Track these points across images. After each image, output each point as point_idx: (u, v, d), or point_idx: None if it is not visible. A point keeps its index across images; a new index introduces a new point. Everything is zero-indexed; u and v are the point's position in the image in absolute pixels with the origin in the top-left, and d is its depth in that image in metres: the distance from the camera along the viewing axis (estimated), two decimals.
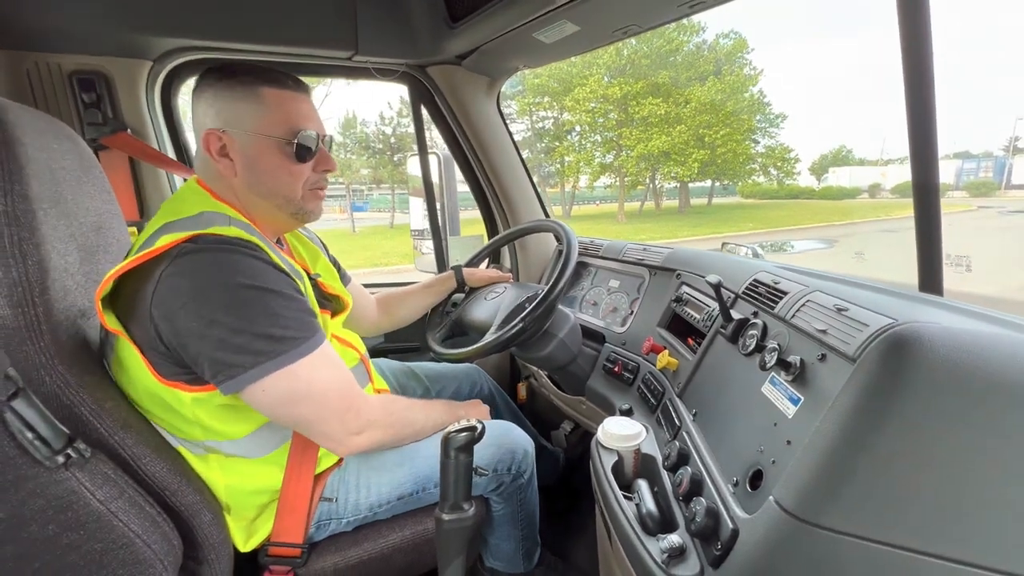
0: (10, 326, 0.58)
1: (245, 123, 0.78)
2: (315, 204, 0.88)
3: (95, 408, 0.65)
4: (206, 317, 0.66)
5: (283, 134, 0.80)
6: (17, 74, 1.14)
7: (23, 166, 0.61)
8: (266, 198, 0.83)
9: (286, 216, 0.86)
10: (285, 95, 0.80)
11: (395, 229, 17.32)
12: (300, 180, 0.83)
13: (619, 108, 18.08)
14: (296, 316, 0.72)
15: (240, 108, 0.78)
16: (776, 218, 17.41)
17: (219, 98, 0.78)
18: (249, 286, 0.68)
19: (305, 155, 0.82)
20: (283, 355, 0.69)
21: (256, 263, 0.71)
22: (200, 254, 0.68)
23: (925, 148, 0.79)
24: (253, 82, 0.79)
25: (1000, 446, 0.47)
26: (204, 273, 0.67)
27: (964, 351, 0.48)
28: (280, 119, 0.80)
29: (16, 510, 0.57)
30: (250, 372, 0.68)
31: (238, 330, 0.67)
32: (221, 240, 0.70)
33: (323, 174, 0.87)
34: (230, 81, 0.78)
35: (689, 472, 0.70)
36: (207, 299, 0.66)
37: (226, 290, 0.67)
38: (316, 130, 0.83)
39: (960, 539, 0.47)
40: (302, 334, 0.72)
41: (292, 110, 0.81)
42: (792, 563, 0.50)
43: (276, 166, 0.81)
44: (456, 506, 0.76)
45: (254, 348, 0.68)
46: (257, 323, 0.68)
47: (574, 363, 1.26)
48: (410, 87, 1.60)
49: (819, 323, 0.65)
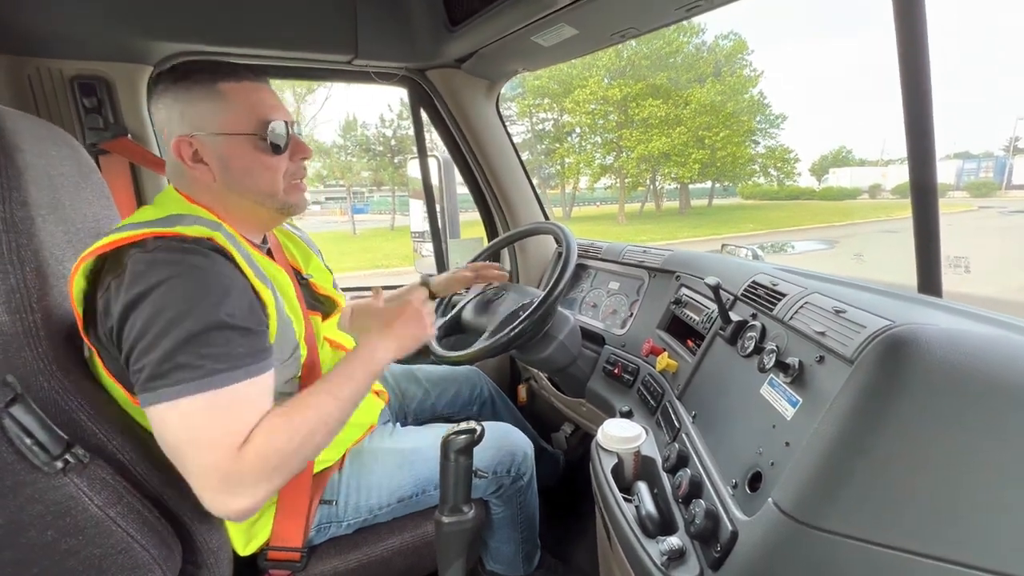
0: (8, 332, 0.59)
1: (211, 124, 0.75)
2: (297, 196, 0.84)
3: (93, 413, 0.65)
4: (129, 328, 0.62)
5: (252, 129, 0.77)
6: (18, 79, 1.15)
7: (21, 172, 0.61)
8: (247, 197, 0.80)
9: (270, 212, 0.83)
10: (245, 87, 0.77)
11: (396, 231, 17.35)
12: (279, 173, 0.80)
13: (619, 109, 18.11)
14: (219, 343, 0.64)
15: (203, 109, 0.75)
16: (776, 219, 17.42)
17: (179, 101, 0.75)
18: (177, 303, 0.63)
19: (279, 146, 0.79)
20: (180, 384, 0.62)
21: (201, 274, 0.65)
22: (145, 263, 0.64)
23: (923, 149, 0.79)
24: (210, 80, 0.75)
25: (998, 447, 0.47)
26: (142, 282, 0.63)
27: (961, 353, 0.48)
28: (245, 114, 0.77)
29: (15, 516, 0.57)
30: (150, 394, 0.62)
31: (149, 347, 0.62)
32: (173, 246, 0.65)
33: (300, 162, 0.84)
34: (186, 82, 0.75)
35: (688, 474, 0.70)
36: (135, 310, 0.62)
37: (153, 304, 0.62)
38: (283, 118, 0.80)
39: (958, 541, 0.47)
40: (213, 365, 0.63)
41: (255, 102, 0.78)
42: (791, 565, 0.50)
43: (252, 163, 0.78)
44: (456, 508, 0.76)
45: (159, 370, 0.62)
46: (170, 344, 0.62)
47: (574, 365, 1.26)
48: (410, 90, 1.60)
49: (817, 325, 0.65)
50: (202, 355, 0.63)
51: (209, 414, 0.63)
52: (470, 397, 1.33)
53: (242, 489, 0.64)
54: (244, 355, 0.66)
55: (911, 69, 0.76)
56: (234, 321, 0.66)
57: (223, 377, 0.64)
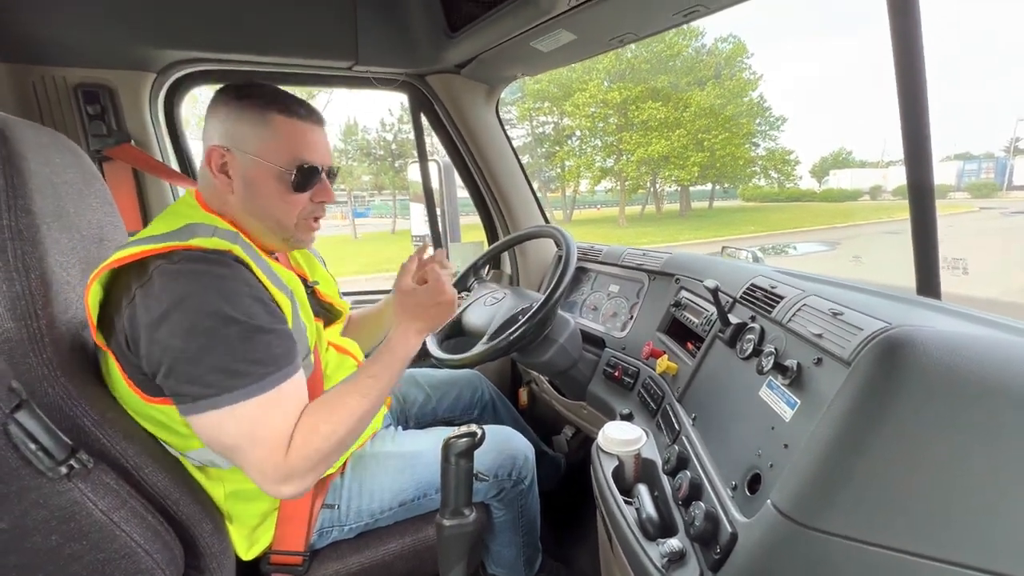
0: (13, 339, 0.59)
1: (248, 145, 0.77)
2: (307, 235, 0.86)
3: (97, 419, 0.65)
4: (162, 341, 0.64)
5: (284, 163, 0.78)
6: (23, 87, 1.16)
7: (26, 181, 0.62)
8: (260, 220, 0.81)
9: (277, 240, 0.85)
10: (294, 124, 0.79)
11: (396, 235, 17.37)
12: (296, 209, 0.82)
13: (619, 112, 18.14)
14: (259, 348, 0.68)
15: (246, 130, 0.77)
16: (777, 221, 17.41)
17: (229, 117, 0.78)
18: (212, 313, 0.65)
19: (303, 186, 0.80)
20: (235, 391, 0.66)
21: (229, 283, 0.68)
22: (171, 276, 0.65)
23: (919, 150, 0.80)
24: (265, 106, 0.78)
25: (994, 449, 0.47)
26: (170, 294, 0.65)
27: (957, 354, 0.48)
28: (284, 147, 0.78)
29: (19, 520, 0.58)
30: (201, 402, 0.65)
31: (193, 359, 0.65)
32: (197, 256, 0.68)
33: (320, 204, 0.85)
34: (243, 102, 0.78)
35: (688, 476, 0.70)
36: (167, 321, 0.64)
37: (188, 315, 0.65)
38: (320, 162, 0.81)
39: (956, 541, 0.47)
40: (263, 369, 0.68)
41: (298, 140, 0.79)
42: (790, 566, 0.51)
43: (272, 192, 0.79)
44: (457, 512, 0.76)
45: (205, 380, 0.65)
46: (210, 351, 0.65)
47: (574, 368, 1.26)
48: (410, 95, 1.61)
49: (815, 327, 0.65)
50: (249, 360, 0.67)
51: (262, 415, 0.68)
52: (471, 401, 1.33)
53: (293, 479, 0.71)
54: (282, 356, 0.71)
55: (906, 70, 0.76)
56: (268, 325, 0.70)
57: (272, 379, 0.69)
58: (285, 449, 0.70)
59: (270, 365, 0.69)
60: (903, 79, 0.77)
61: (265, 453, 0.69)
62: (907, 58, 0.76)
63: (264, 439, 0.69)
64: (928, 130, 0.79)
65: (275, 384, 0.69)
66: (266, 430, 0.69)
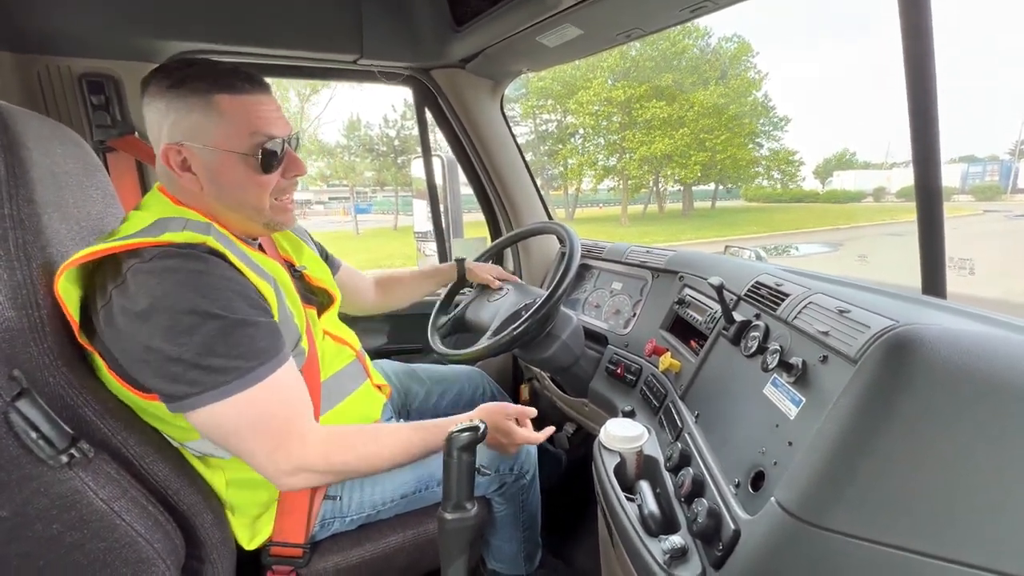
0: (14, 328, 0.59)
1: (204, 136, 0.73)
2: (285, 216, 0.84)
3: (98, 409, 0.65)
4: (143, 342, 0.64)
5: (245, 147, 0.74)
6: (28, 77, 1.16)
7: (27, 170, 0.62)
8: (235, 210, 0.79)
9: (258, 226, 0.83)
10: (242, 101, 0.74)
11: (399, 231, 17.37)
12: (267, 189, 0.79)
13: (622, 111, 18.10)
14: (242, 343, 0.67)
15: (196, 120, 0.73)
16: (780, 221, 17.36)
17: (172, 109, 0.73)
18: (191, 311, 0.64)
19: (271, 164, 0.77)
20: (219, 387, 0.66)
21: (205, 279, 0.67)
22: (146, 274, 0.64)
23: (927, 151, 0.79)
24: (207, 90, 0.72)
25: (1001, 447, 0.47)
26: (147, 296, 0.63)
27: (965, 352, 0.48)
28: (240, 129, 0.74)
29: (20, 509, 0.58)
30: (186, 400, 0.65)
31: (175, 358, 0.64)
32: (171, 252, 0.66)
33: (291, 179, 0.82)
34: (181, 90, 0.72)
35: (691, 473, 0.70)
36: (147, 323, 0.63)
37: (167, 315, 0.64)
38: (281, 133, 0.77)
39: (961, 540, 0.47)
40: (245, 363, 0.67)
41: (252, 116, 0.75)
42: (793, 564, 0.50)
43: (242, 178, 0.76)
44: (459, 505, 0.75)
45: (188, 378, 0.65)
46: (194, 351, 0.64)
47: (577, 365, 1.26)
48: (414, 90, 1.61)
49: (821, 325, 0.65)
50: (233, 356, 0.66)
51: (257, 407, 0.69)
52: (472, 397, 1.33)
53: (305, 474, 0.73)
54: (267, 348, 0.70)
55: (917, 73, 0.76)
56: (250, 318, 0.69)
57: (259, 372, 0.68)
58: (296, 439, 0.72)
59: (253, 359, 0.68)
60: (913, 82, 0.77)
61: (274, 443, 0.70)
62: (917, 61, 0.76)
63: (267, 430, 0.70)
64: (937, 131, 0.78)
65: (263, 376, 0.68)
66: (266, 421, 0.70)
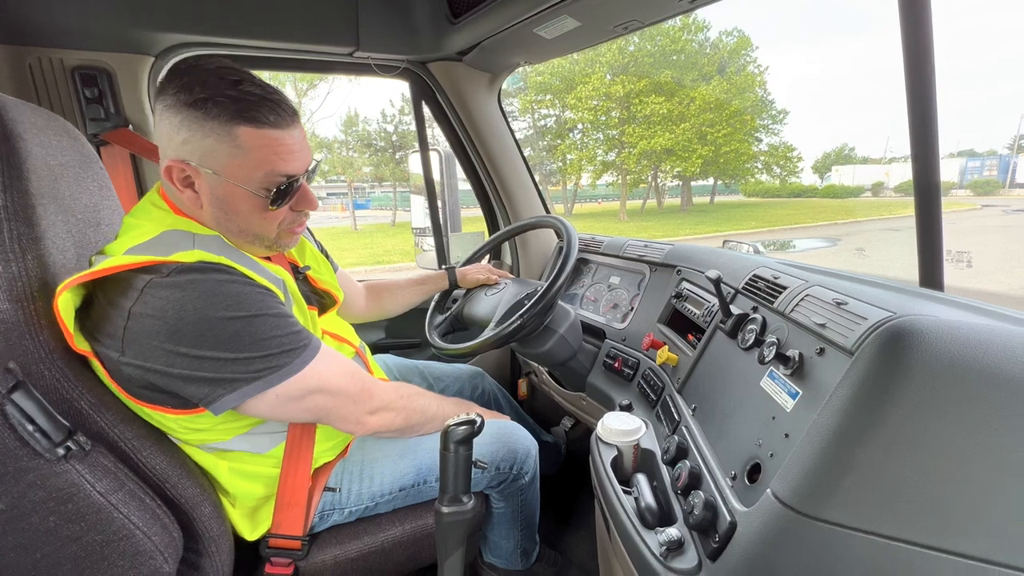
0: (10, 320, 0.59)
1: (215, 163, 0.70)
2: (290, 239, 0.83)
3: (95, 402, 0.65)
4: (191, 354, 0.64)
5: (258, 182, 0.72)
6: (19, 69, 1.15)
7: (23, 161, 0.61)
8: (236, 236, 0.77)
9: (258, 248, 0.81)
10: (264, 135, 0.71)
11: (397, 227, 17.34)
12: (275, 222, 0.78)
13: (621, 106, 18.03)
14: (289, 331, 0.71)
15: (211, 146, 0.70)
16: (779, 216, 17.35)
17: (186, 127, 0.69)
18: (230, 318, 0.65)
19: (282, 200, 0.75)
20: (286, 367, 0.69)
21: (230, 287, 0.67)
22: (168, 288, 0.63)
23: (926, 144, 0.79)
24: (229, 119, 0.69)
25: (997, 438, 0.47)
26: (178, 309, 0.63)
27: (961, 344, 0.48)
28: (257, 164, 0.71)
29: (17, 501, 0.58)
30: (252, 385, 0.67)
31: (231, 360, 0.65)
32: (188, 268, 0.65)
33: (301, 212, 0.81)
34: (202, 112, 0.68)
35: (688, 466, 0.70)
36: (187, 336, 0.63)
37: (206, 324, 0.64)
38: (298, 170, 0.75)
39: (957, 531, 0.47)
40: (300, 343, 0.72)
41: (271, 154, 0.72)
42: (788, 555, 0.50)
43: (248, 211, 0.74)
44: (455, 499, 0.76)
45: (251, 369, 0.67)
46: (249, 350, 0.66)
47: (574, 359, 1.26)
48: (411, 83, 1.60)
49: (818, 317, 0.65)
50: (287, 338, 0.70)
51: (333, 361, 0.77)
52: (472, 393, 1.33)
53: (381, 408, 0.83)
54: (304, 329, 0.75)
55: (916, 68, 0.76)
56: (283, 310, 0.72)
57: (315, 343, 0.75)
58: (371, 381, 0.82)
59: (303, 339, 0.73)
60: (912, 77, 0.77)
61: (358, 385, 0.80)
62: (917, 56, 0.76)
63: (349, 376, 0.79)
64: (936, 124, 0.79)
65: (319, 346, 0.75)
66: (343, 371, 0.78)
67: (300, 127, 0.77)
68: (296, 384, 0.71)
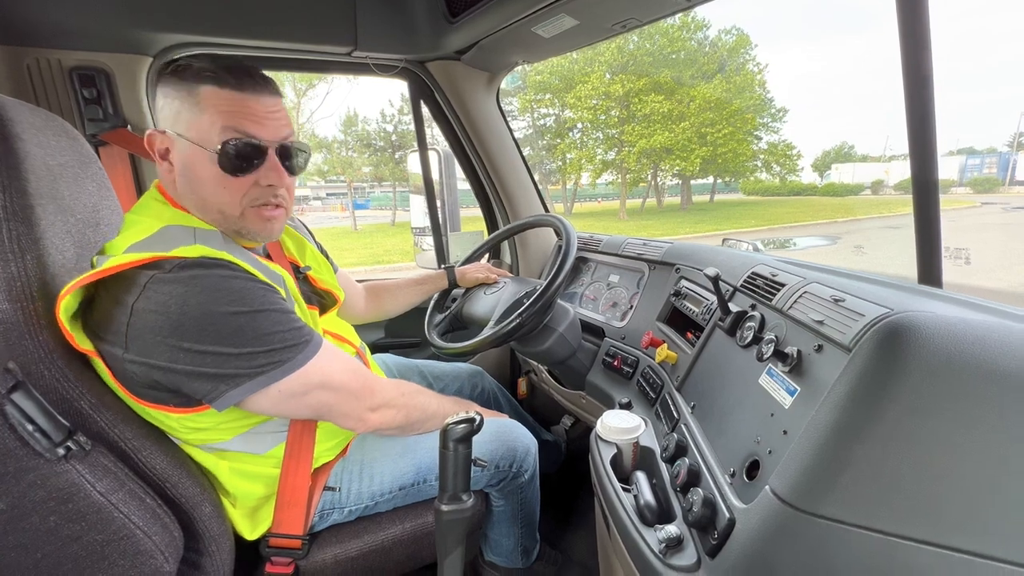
0: (9, 320, 0.59)
1: (180, 125, 0.70)
2: (259, 224, 0.77)
3: (95, 402, 0.65)
4: (194, 348, 0.64)
5: (212, 143, 0.70)
6: (17, 70, 1.15)
7: (21, 161, 0.61)
8: (201, 211, 0.75)
9: (230, 233, 0.77)
10: (226, 95, 0.69)
11: (397, 227, 17.34)
12: (236, 195, 0.73)
13: (621, 105, 18.02)
14: (292, 326, 0.71)
15: (177, 107, 0.70)
16: (778, 215, 17.35)
17: (162, 95, 0.71)
18: (233, 313, 0.65)
19: (240, 167, 0.71)
20: (289, 362, 0.69)
21: (233, 283, 0.67)
22: (171, 284, 0.63)
23: (924, 141, 0.79)
24: (196, 80, 0.69)
25: (994, 434, 0.47)
26: (181, 304, 0.63)
27: (959, 339, 0.48)
28: (213, 124, 0.69)
29: (18, 501, 0.58)
30: (255, 380, 0.67)
31: (235, 355, 0.66)
32: (190, 263, 0.65)
33: (268, 188, 0.75)
34: (176, 76, 0.70)
35: (687, 463, 0.70)
36: (191, 330, 0.63)
37: (209, 320, 0.64)
38: (264, 135, 0.72)
39: (954, 526, 0.47)
40: (302, 339, 0.72)
41: (229, 112, 0.70)
42: (787, 551, 0.51)
43: (208, 178, 0.72)
44: (455, 497, 0.76)
45: (255, 364, 0.67)
46: (252, 345, 0.66)
47: (574, 357, 1.26)
48: (410, 83, 1.60)
49: (816, 314, 0.65)
50: (289, 334, 0.70)
51: (335, 358, 0.76)
52: (471, 392, 1.33)
53: (383, 405, 0.83)
54: (306, 325, 0.74)
55: (914, 65, 0.76)
56: (284, 306, 0.73)
57: (316, 339, 0.74)
58: (372, 378, 0.82)
59: (305, 335, 0.73)
60: (910, 74, 0.77)
61: (359, 382, 0.79)
62: (914, 54, 0.76)
63: (351, 373, 0.78)
64: (933, 121, 0.79)
65: (320, 343, 0.74)
66: (346, 367, 0.78)
67: (276, 99, 0.75)
68: (299, 379, 0.71)
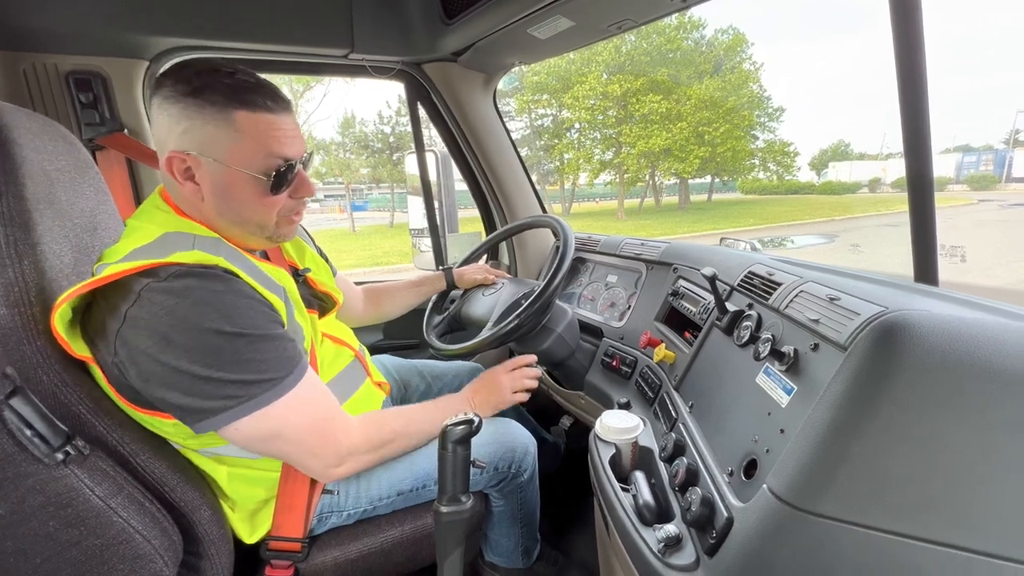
0: (7, 326, 0.59)
1: (214, 150, 0.72)
2: (289, 228, 0.83)
3: (93, 407, 0.65)
4: (170, 364, 0.63)
5: (258, 167, 0.74)
6: (13, 75, 1.14)
7: (18, 166, 0.61)
8: (238, 225, 0.78)
9: (260, 240, 0.82)
10: (260, 119, 0.73)
11: (395, 228, 17.33)
12: (275, 209, 0.79)
13: (618, 105, 18.04)
14: (270, 356, 0.69)
15: (211, 133, 0.71)
16: (776, 214, 17.38)
17: (187, 117, 0.71)
18: (217, 331, 0.65)
19: (281, 186, 0.76)
20: (254, 399, 0.67)
21: (224, 298, 0.67)
22: (163, 294, 0.64)
23: (918, 139, 0.80)
24: (225, 104, 0.71)
25: (990, 431, 0.47)
26: (168, 316, 0.63)
27: (953, 337, 0.48)
28: (255, 149, 0.73)
29: (16, 506, 0.58)
30: (220, 416, 0.66)
31: (206, 377, 0.64)
32: (184, 271, 0.65)
33: (300, 200, 0.82)
34: (200, 100, 0.70)
35: (685, 463, 0.70)
36: (172, 345, 0.63)
37: (192, 335, 0.64)
38: (295, 155, 0.77)
39: (952, 524, 0.48)
40: (276, 375, 0.69)
41: (269, 137, 0.73)
42: (785, 549, 0.51)
43: (249, 197, 0.75)
44: (454, 499, 0.76)
45: (223, 393, 0.66)
46: (226, 370, 0.65)
47: (572, 358, 1.26)
48: (406, 84, 1.60)
49: (812, 313, 0.65)
50: (265, 368, 0.68)
51: (295, 412, 0.72)
52: None
53: (348, 457, 0.79)
54: (293, 356, 0.73)
55: (907, 63, 0.77)
56: (272, 332, 0.71)
57: (291, 379, 0.71)
58: (340, 429, 0.78)
59: (284, 368, 0.71)
60: (903, 72, 0.77)
61: (320, 438, 0.75)
62: (908, 51, 0.76)
63: (312, 427, 0.74)
64: (928, 119, 0.79)
65: (295, 382, 0.71)
66: (309, 420, 0.74)
67: (293, 116, 0.79)
68: (258, 422, 0.69)
